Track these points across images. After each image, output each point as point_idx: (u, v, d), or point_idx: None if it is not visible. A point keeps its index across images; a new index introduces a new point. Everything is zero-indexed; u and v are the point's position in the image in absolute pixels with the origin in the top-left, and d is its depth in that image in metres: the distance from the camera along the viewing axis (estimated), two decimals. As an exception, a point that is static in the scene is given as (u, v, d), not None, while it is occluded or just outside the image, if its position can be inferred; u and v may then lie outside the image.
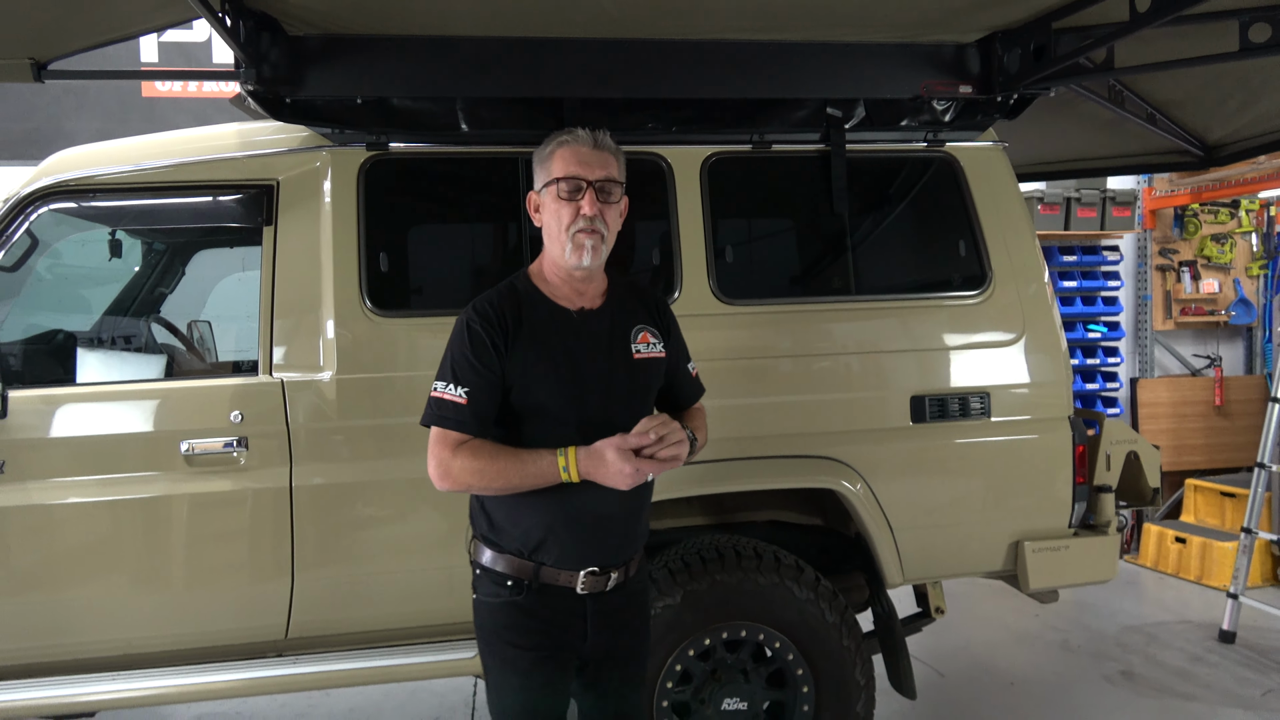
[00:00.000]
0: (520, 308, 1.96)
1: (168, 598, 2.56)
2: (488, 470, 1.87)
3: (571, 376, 1.95)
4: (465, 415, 1.89)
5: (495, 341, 1.91)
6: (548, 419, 1.94)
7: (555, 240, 1.97)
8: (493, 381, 1.91)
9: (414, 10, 2.46)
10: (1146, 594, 5.27)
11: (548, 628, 1.97)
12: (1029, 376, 2.96)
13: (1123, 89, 3.50)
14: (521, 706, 1.99)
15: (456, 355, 1.93)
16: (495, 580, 1.98)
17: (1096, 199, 5.75)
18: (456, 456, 1.88)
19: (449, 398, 1.90)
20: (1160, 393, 6.17)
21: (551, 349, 1.95)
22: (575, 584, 1.96)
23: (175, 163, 2.71)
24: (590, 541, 1.96)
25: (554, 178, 1.96)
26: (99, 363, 2.77)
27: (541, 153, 2.01)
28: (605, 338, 2.02)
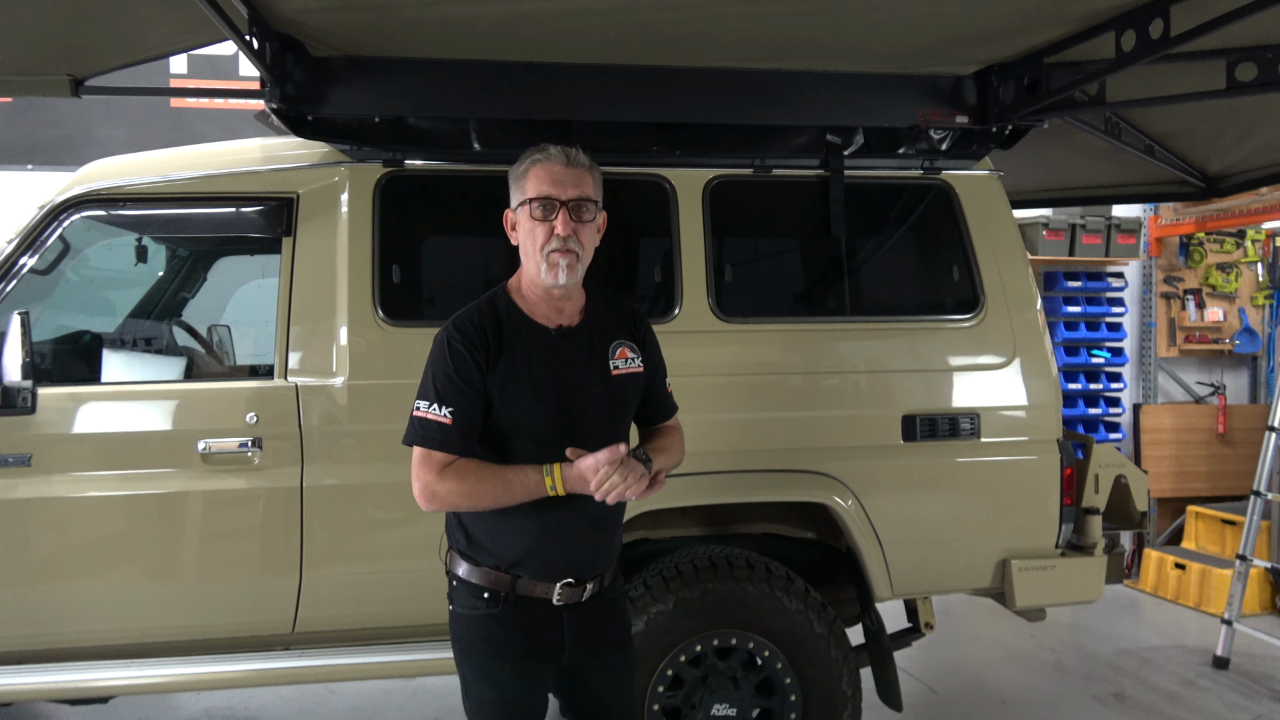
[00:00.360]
0: (500, 325, 1.96)
1: (181, 590, 2.68)
2: (475, 492, 1.88)
3: (551, 395, 1.95)
4: (450, 435, 1.88)
5: (477, 360, 1.91)
6: (527, 436, 1.95)
7: (531, 259, 1.96)
8: (475, 400, 1.91)
9: (430, 35, 2.59)
10: (1144, 618, 5.31)
11: (525, 639, 1.98)
12: (1019, 399, 3.04)
13: (1119, 121, 3.59)
14: (498, 717, 2.01)
15: (438, 374, 1.92)
16: (472, 593, 1.98)
17: (1102, 226, 5.82)
18: (443, 480, 1.88)
19: (433, 417, 1.89)
20: (1163, 419, 6.21)
21: (531, 368, 1.95)
22: (551, 595, 1.97)
23: (202, 175, 2.84)
24: (567, 554, 1.99)
25: (527, 197, 1.94)
26: (123, 363, 2.90)
27: (516, 170, 2.00)
28: (583, 355, 2.02)
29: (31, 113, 5.58)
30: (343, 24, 2.50)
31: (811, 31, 2.63)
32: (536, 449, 1.95)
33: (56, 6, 2.21)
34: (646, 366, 2.13)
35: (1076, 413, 5.97)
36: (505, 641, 1.98)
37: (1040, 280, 6.13)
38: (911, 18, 2.53)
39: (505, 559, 1.97)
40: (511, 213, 2.03)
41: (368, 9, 2.40)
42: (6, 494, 2.57)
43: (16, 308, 2.56)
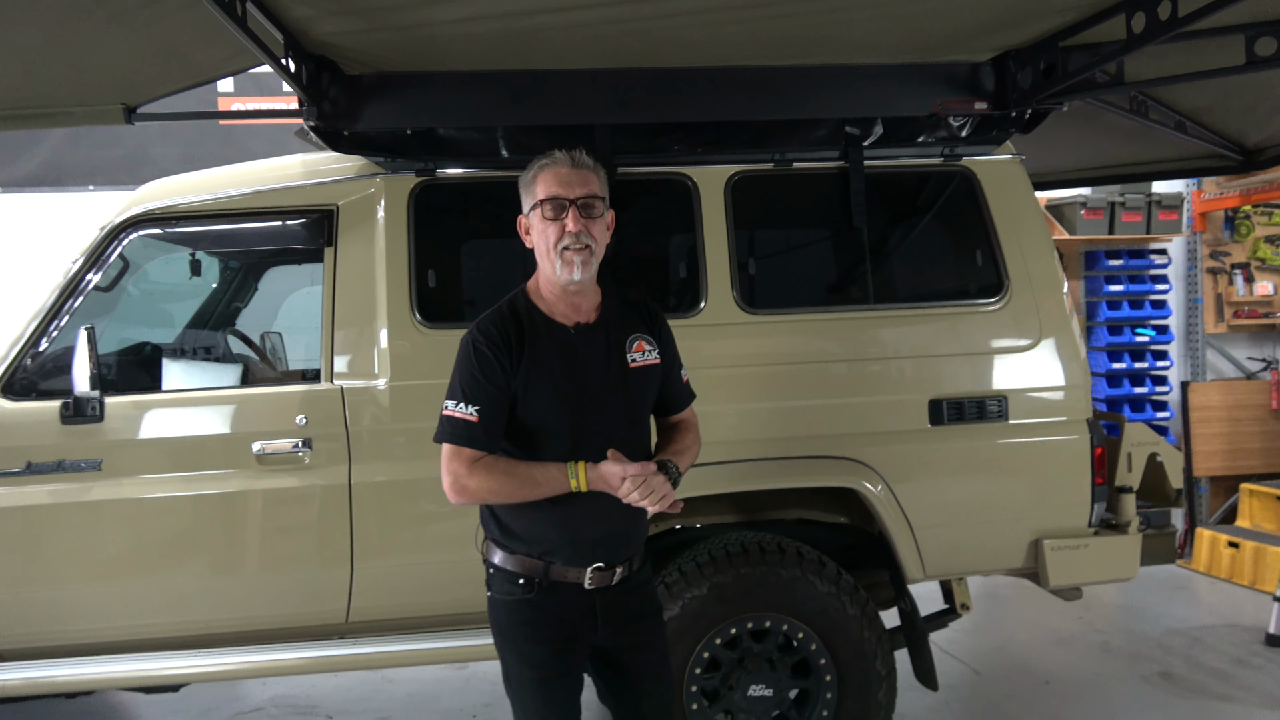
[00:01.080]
0: (522, 326, 2.06)
1: (242, 583, 2.84)
2: (502, 487, 2.00)
3: (572, 392, 2.05)
4: (477, 432, 2.00)
5: (501, 361, 2.01)
6: (550, 432, 2.05)
7: (545, 259, 2.06)
8: (501, 399, 2.01)
9: (456, 49, 2.70)
10: (1196, 598, 5.25)
11: (560, 622, 2.08)
12: (1046, 381, 3.06)
13: (1145, 99, 3.57)
14: (539, 699, 2.10)
15: (465, 375, 2.02)
16: (508, 579, 2.08)
17: (1141, 203, 5.74)
18: (472, 475, 1.99)
19: (461, 416, 2.00)
20: (1213, 396, 6.11)
21: (553, 366, 2.05)
22: (583, 580, 2.07)
23: (248, 191, 3.00)
24: (596, 540, 2.08)
25: (538, 200, 2.05)
26: (182, 371, 3.08)
27: (525, 178, 2.11)
28: (602, 351, 2.11)
29: (91, 136, 5.85)
30: (373, 43, 2.63)
31: (825, 29, 2.69)
32: (561, 443, 2.06)
33: (110, 42, 2.37)
34: (664, 358, 2.21)
35: (1122, 392, 5.90)
36: (541, 624, 2.08)
37: (1080, 260, 6.08)
38: (921, 12, 2.58)
39: (538, 546, 2.07)
40: (524, 218, 2.14)
41: (395, 29, 2.52)
42: (80, 496, 2.76)
43: (83, 323, 2.75)
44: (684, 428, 2.28)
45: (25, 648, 2.81)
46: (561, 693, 2.14)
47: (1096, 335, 6.01)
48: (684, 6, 2.46)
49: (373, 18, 2.44)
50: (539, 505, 2.04)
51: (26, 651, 2.81)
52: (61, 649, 2.82)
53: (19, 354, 2.83)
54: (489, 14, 2.43)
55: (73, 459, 2.76)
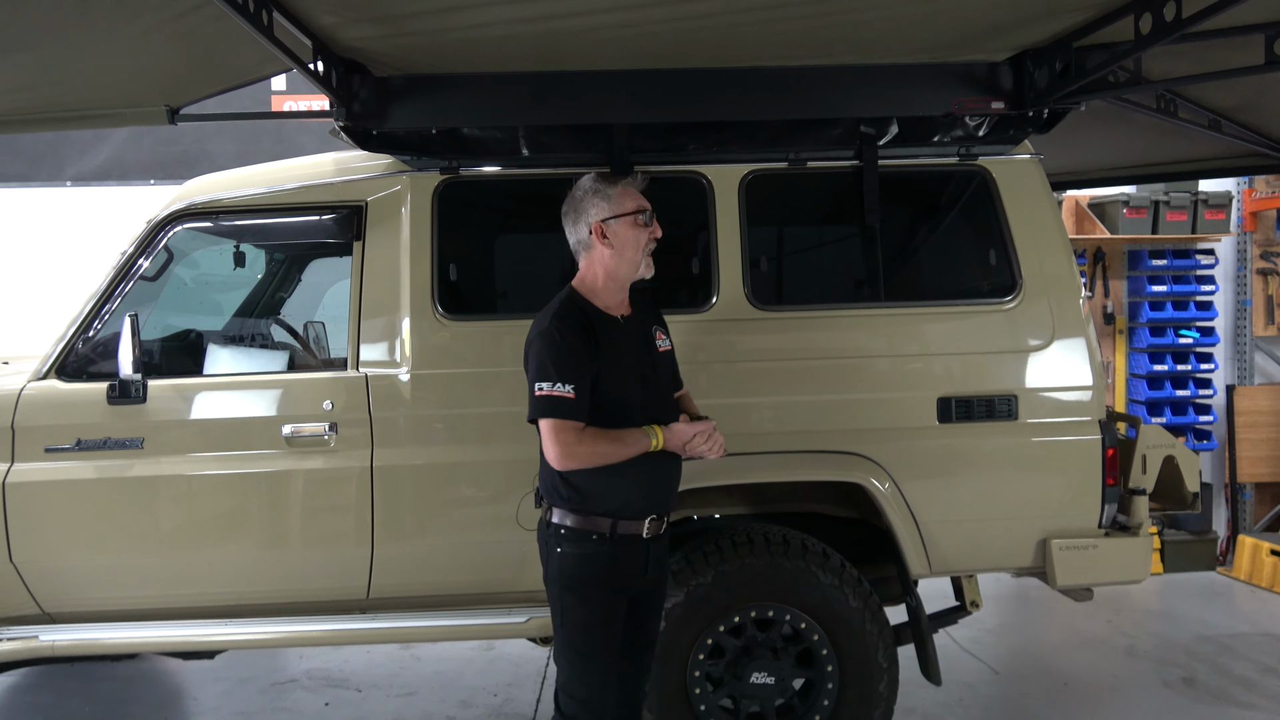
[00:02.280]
0: (588, 318, 2.38)
1: (270, 558, 3.01)
2: (607, 451, 2.32)
3: (633, 372, 2.42)
4: (576, 405, 2.29)
5: (586, 346, 2.32)
6: (627, 406, 2.39)
7: (629, 260, 2.43)
8: (587, 378, 2.32)
9: (480, 52, 2.81)
10: (1233, 606, 5.15)
11: (622, 569, 2.42)
12: (1058, 381, 3.07)
13: (1174, 98, 3.54)
14: (603, 636, 2.42)
15: (556, 358, 2.30)
16: (580, 537, 2.39)
17: (1187, 202, 5.62)
18: (581, 443, 2.30)
19: (559, 394, 2.28)
20: (1260, 401, 5.96)
21: (616, 349, 2.40)
22: (643, 530, 2.42)
23: (285, 188, 3.16)
24: (656, 496, 2.46)
25: (632, 210, 2.44)
26: (224, 357, 3.25)
27: (608, 190, 2.44)
28: (642, 338, 2.51)
29: (153, 134, 6.13)
30: (399, 47, 2.75)
31: (840, 30, 2.73)
32: (634, 415, 2.40)
33: (151, 49, 2.54)
34: (672, 347, 2.62)
35: (1163, 395, 5.80)
36: (611, 572, 2.41)
37: (1124, 259, 5.97)
38: (935, 11, 2.61)
39: (608, 504, 2.39)
40: (602, 224, 2.43)
41: (419, 34, 2.64)
42: (123, 473, 2.95)
43: (130, 310, 2.93)
44: (689, 398, 2.72)
45: (73, 611, 3.02)
46: (611, 635, 2.45)
47: (1138, 337, 5.90)
48: (699, 9, 2.52)
49: (396, 24, 2.56)
50: (614, 467, 2.35)
51: (74, 615, 3.02)
52: (105, 614, 3.02)
53: (72, 338, 3.03)
54: (508, 19, 2.53)
55: (117, 437, 2.95)
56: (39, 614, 3.02)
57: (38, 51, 2.44)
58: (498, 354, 3.02)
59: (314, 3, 2.35)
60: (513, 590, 3.06)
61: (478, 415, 3.02)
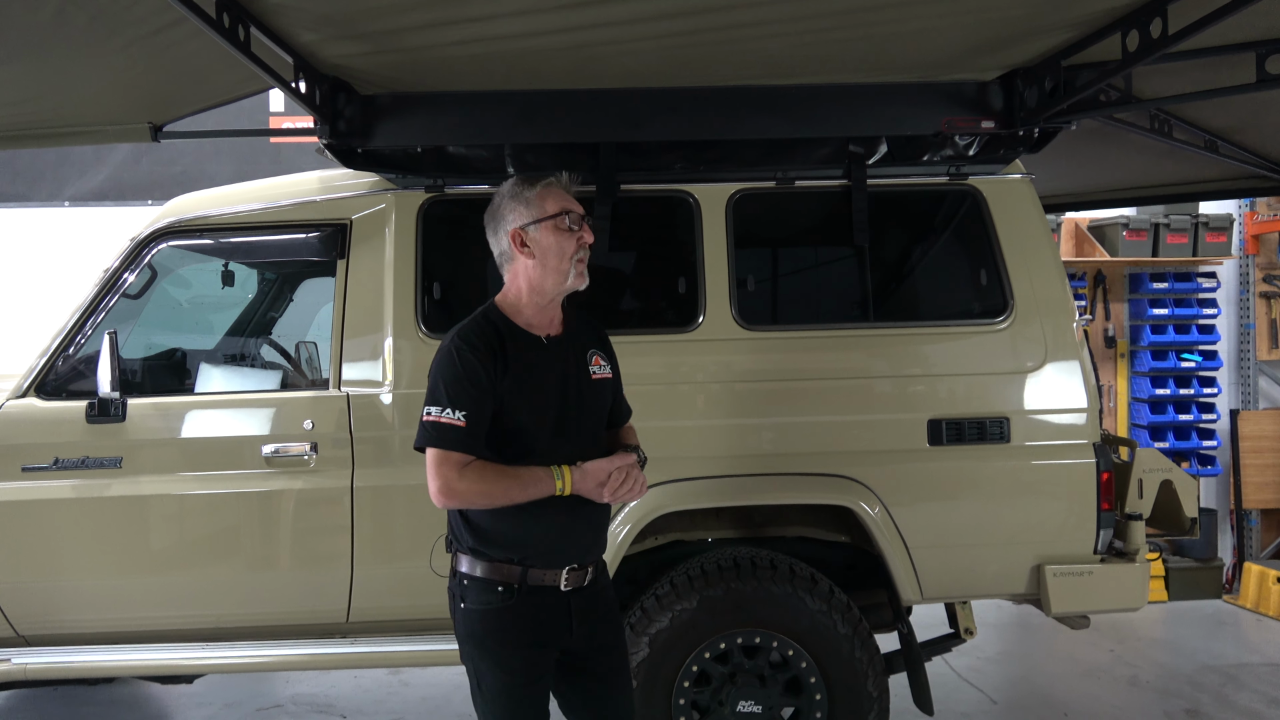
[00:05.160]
0: (501, 336, 2.12)
1: (249, 580, 2.96)
2: (493, 491, 2.03)
3: (549, 399, 2.13)
4: (464, 436, 2.02)
5: (486, 367, 2.05)
6: (527, 437, 2.11)
7: (554, 270, 2.13)
8: (485, 404, 2.05)
9: (465, 70, 2.79)
10: (1239, 635, 5.04)
11: (536, 626, 2.12)
12: (1051, 403, 3.02)
13: (1168, 118, 3.50)
14: (513, 707, 2.14)
15: (449, 380, 2.05)
16: (484, 588, 2.11)
17: (1187, 224, 5.58)
18: (462, 478, 2.01)
19: (447, 421, 2.02)
20: (1266, 425, 5.88)
21: (530, 374, 2.11)
22: (560, 581, 2.12)
23: (269, 205, 3.14)
24: (571, 541, 2.15)
25: (554, 212, 2.14)
26: (211, 377, 3.22)
27: (525, 193, 2.17)
28: (571, 361, 2.20)
29: (152, 153, 6.16)
30: (382, 65, 2.73)
31: (826, 48, 2.71)
32: (538, 448, 2.12)
33: (131, 66, 2.53)
34: (614, 374, 2.31)
35: (1166, 419, 5.72)
36: (519, 629, 2.11)
37: (1124, 282, 5.92)
38: (919, 30, 2.58)
39: (516, 551, 2.11)
40: (521, 231, 2.15)
41: (402, 51, 2.63)
42: (101, 492, 2.91)
43: (112, 328, 2.91)
44: (630, 430, 2.40)
45: (48, 634, 2.97)
46: (536, 699, 2.17)
47: (1140, 360, 5.84)
48: (684, 26, 2.50)
49: (377, 41, 2.55)
50: (518, 508, 2.07)
51: (49, 638, 2.97)
52: (82, 637, 2.97)
53: (52, 356, 3.01)
54: (488, 36, 2.51)
55: (96, 456, 2.92)
56: (13, 636, 2.97)
57: (14, 67, 2.43)
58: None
59: (292, 20, 2.33)
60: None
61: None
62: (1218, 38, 2.59)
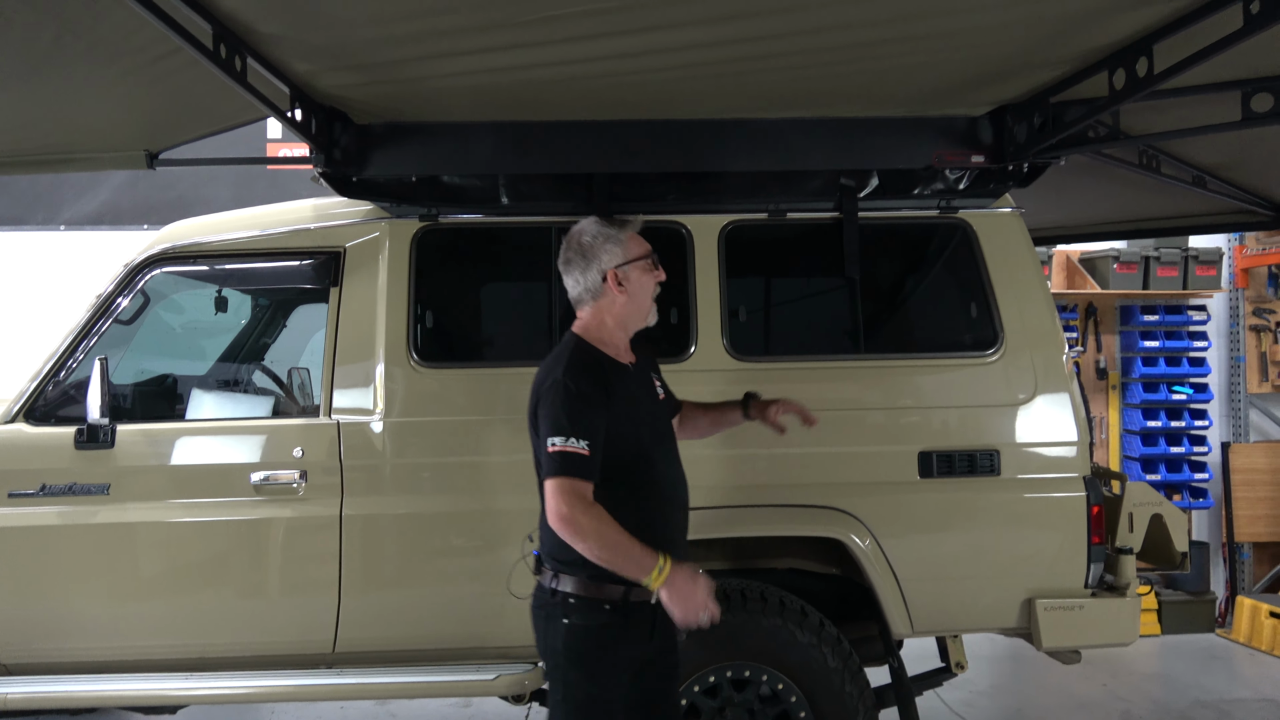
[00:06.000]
0: (602, 368, 2.27)
1: (235, 609, 2.94)
2: (603, 541, 2.09)
3: (645, 420, 2.34)
4: (590, 465, 2.14)
5: (599, 397, 2.20)
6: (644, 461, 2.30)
7: (640, 306, 2.36)
8: (602, 432, 2.18)
9: (460, 100, 2.82)
10: (1231, 670, 5.02)
11: (630, 640, 2.26)
12: (1041, 436, 3.02)
13: (1157, 154, 3.54)
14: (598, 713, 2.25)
15: (569, 411, 2.15)
16: (590, 606, 2.22)
17: (1178, 258, 5.62)
18: (588, 514, 2.09)
19: (573, 450, 2.12)
20: (1257, 458, 5.88)
21: (629, 400, 2.29)
22: (651, 598, 2.19)
23: (263, 233, 3.16)
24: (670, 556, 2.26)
25: (643, 254, 2.37)
26: (203, 403, 3.21)
27: (618, 234, 2.35)
28: (647, 384, 2.44)
29: (150, 179, 6.16)
30: (378, 95, 2.76)
31: (819, 82, 2.73)
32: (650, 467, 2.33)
33: (128, 94, 2.55)
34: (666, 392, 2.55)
35: (1158, 451, 5.73)
36: (619, 644, 2.26)
37: (1115, 315, 5.95)
38: (911, 65, 2.61)
39: None
40: (617, 270, 2.33)
41: (397, 82, 2.65)
42: (87, 519, 2.89)
43: (104, 354, 2.90)
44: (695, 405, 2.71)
45: (30, 663, 2.94)
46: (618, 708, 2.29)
47: (1131, 392, 5.86)
48: (679, 60, 2.52)
49: (372, 71, 2.57)
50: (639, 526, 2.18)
51: (31, 667, 2.94)
52: (63, 666, 2.94)
53: (42, 382, 3.00)
54: (483, 68, 2.53)
55: (83, 483, 2.90)
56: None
57: (11, 94, 2.44)
58: (474, 403, 2.98)
59: (288, 50, 2.35)
60: (484, 646, 2.98)
61: (452, 465, 2.98)
62: (1203, 76, 2.63)
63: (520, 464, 2.91)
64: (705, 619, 2.14)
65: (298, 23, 2.21)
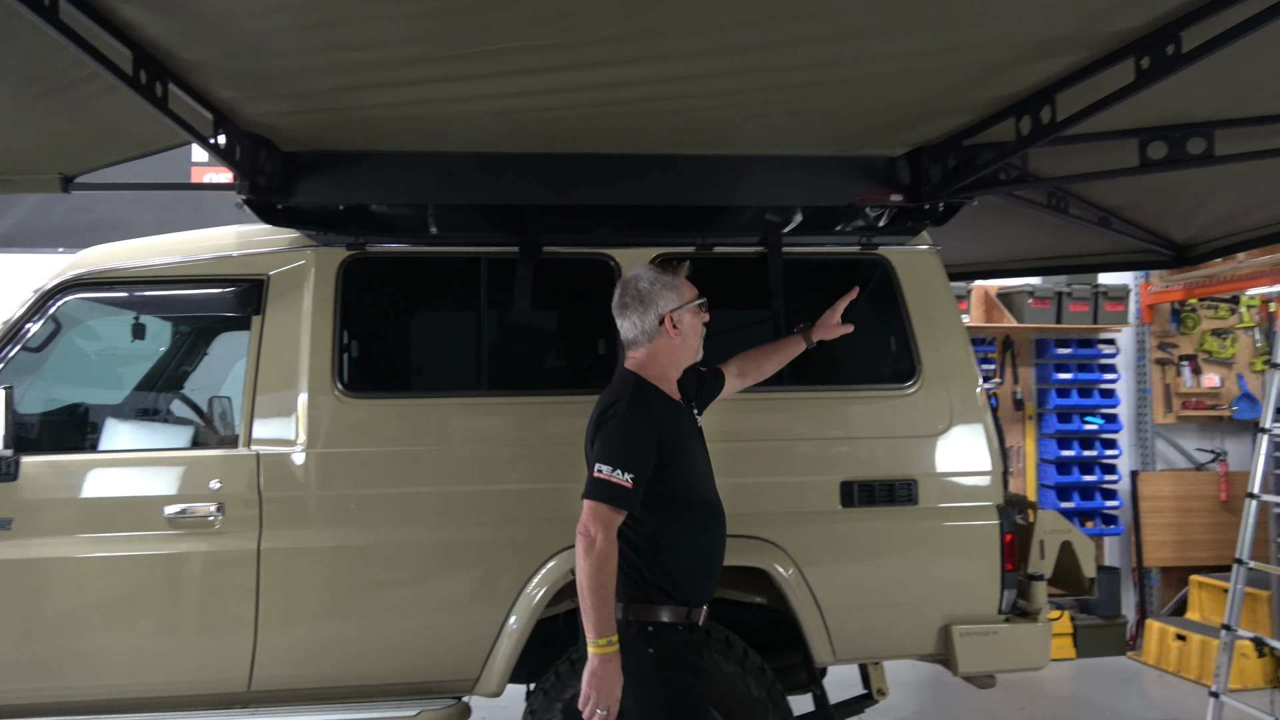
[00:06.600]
0: (658, 405, 2.44)
1: (144, 648, 2.83)
2: (605, 572, 2.26)
3: (694, 451, 2.51)
4: (630, 496, 2.30)
5: (653, 433, 2.36)
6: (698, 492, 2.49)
7: (691, 346, 2.56)
8: (649, 469, 2.35)
9: (390, 130, 2.81)
10: (1142, 691, 5.20)
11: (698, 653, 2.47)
12: (956, 466, 3.12)
13: (1065, 195, 3.72)
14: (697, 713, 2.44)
15: (625, 445, 2.32)
16: (671, 631, 2.39)
17: (1088, 294, 5.88)
18: (609, 542, 2.28)
19: (617, 481, 2.28)
20: (1163, 486, 6.15)
21: (683, 434, 2.48)
22: (701, 618, 2.46)
23: (184, 259, 3.09)
24: (715, 583, 2.56)
25: (695, 299, 2.57)
26: (117, 433, 3.11)
27: (672, 281, 2.55)
28: (693, 418, 2.63)
29: (67, 200, 5.96)
30: (305, 124, 2.74)
31: (747, 121, 2.81)
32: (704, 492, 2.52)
33: (43, 117, 2.49)
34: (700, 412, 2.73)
35: (1070, 480, 5.94)
36: (697, 657, 2.49)
37: (1031, 348, 6.18)
38: (831, 108, 2.71)
39: (685, 593, 2.44)
40: (673, 314, 2.53)
41: (324, 111, 2.64)
42: (-16, 555, 2.77)
43: (10, 382, 2.80)
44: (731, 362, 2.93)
45: (-79, 708, 2.79)
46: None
47: (1046, 422, 6.08)
48: (607, 97, 2.57)
49: (301, 100, 2.55)
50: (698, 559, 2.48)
51: (-78, 712, 2.79)
52: (-42, 710, 2.79)
53: (-57, 411, 2.87)
54: (411, 100, 2.54)
55: (-17, 517, 2.78)
56: (-117, 710, 2.78)
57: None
58: (399, 433, 2.95)
59: (212, 77, 2.33)
60: (406, 681, 2.93)
61: (375, 496, 2.93)
62: (1104, 124, 2.79)
63: (450, 495, 2.91)
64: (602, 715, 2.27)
65: (223, 51, 2.20)
